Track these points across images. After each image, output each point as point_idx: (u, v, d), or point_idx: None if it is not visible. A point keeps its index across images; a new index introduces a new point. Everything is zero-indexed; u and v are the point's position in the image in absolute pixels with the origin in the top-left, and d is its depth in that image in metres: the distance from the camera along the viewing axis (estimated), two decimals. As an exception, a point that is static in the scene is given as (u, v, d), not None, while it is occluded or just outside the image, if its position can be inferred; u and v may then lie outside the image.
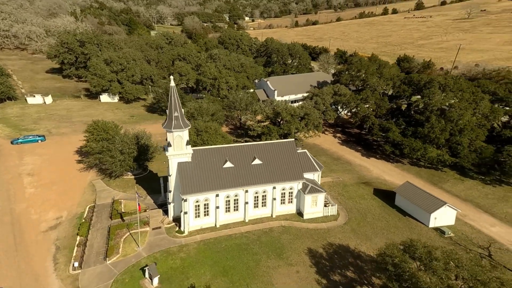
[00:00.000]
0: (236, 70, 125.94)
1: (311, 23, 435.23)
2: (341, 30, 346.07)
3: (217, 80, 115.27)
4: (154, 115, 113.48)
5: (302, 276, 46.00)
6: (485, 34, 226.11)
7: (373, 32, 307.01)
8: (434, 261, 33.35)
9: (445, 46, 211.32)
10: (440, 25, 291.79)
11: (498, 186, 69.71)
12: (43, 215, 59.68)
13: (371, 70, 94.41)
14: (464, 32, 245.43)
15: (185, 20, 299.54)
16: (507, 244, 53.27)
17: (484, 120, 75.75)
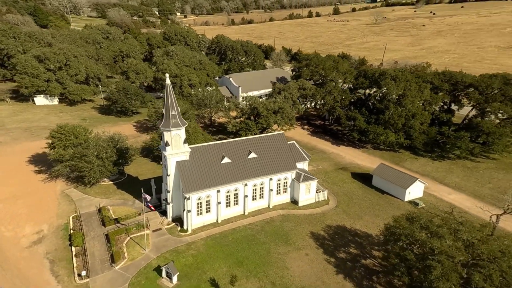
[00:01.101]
0: (195, 68, 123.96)
1: (246, 22, 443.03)
2: (277, 29, 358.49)
3: (179, 78, 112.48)
4: (110, 117, 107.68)
5: (312, 257, 48.73)
6: (393, 37, 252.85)
7: (306, 33, 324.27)
8: (439, 228, 38.13)
9: (366, 46, 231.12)
10: (357, 28, 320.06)
11: (442, 161, 79.45)
12: (19, 231, 55.06)
13: (328, 65, 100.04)
14: (377, 35, 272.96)
15: (109, 12, 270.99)
16: (464, 208, 61.19)
17: (427, 105, 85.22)
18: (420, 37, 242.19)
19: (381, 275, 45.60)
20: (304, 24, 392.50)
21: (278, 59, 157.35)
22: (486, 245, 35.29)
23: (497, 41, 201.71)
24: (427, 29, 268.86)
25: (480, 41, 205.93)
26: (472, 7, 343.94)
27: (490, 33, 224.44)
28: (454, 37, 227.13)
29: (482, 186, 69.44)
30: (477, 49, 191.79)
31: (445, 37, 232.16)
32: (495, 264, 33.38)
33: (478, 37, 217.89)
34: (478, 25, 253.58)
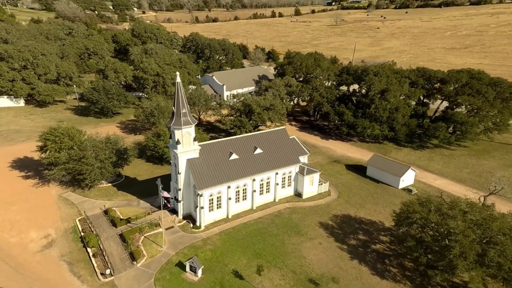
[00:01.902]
0: (175, 66, 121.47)
1: (211, 20, 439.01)
2: (243, 28, 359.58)
3: (161, 76, 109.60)
4: (89, 119, 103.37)
5: (325, 246, 50.56)
6: (353, 38, 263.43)
7: (273, 32, 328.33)
8: (451, 210, 41.22)
9: (332, 46, 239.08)
10: (320, 29, 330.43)
11: (423, 150, 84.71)
12: (24, 237, 52.86)
13: (310, 63, 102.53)
14: (339, 36, 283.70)
15: (57, 5, 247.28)
16: (451, 192, 65.65)
17: (407, 99, 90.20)
18: (377, 38, 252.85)
19: (392, 258, 48.33)
20: (269, 24, 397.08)
21: (256, 57, 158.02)
22: (496, 223, 38.72)
23: (442, 43, 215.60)
24: (382, 31, 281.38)
25: (428, 43, 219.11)
26: (415, 13, 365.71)
27: (434, 36, 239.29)
28: (406, 39, 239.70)
29: (461, 171, 74.88)
30: (427, 50, 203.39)
31: (398, 39, 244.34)
32: (508, 239, 36.78)
33: (425, 39, 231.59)
34: (423, 29, 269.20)
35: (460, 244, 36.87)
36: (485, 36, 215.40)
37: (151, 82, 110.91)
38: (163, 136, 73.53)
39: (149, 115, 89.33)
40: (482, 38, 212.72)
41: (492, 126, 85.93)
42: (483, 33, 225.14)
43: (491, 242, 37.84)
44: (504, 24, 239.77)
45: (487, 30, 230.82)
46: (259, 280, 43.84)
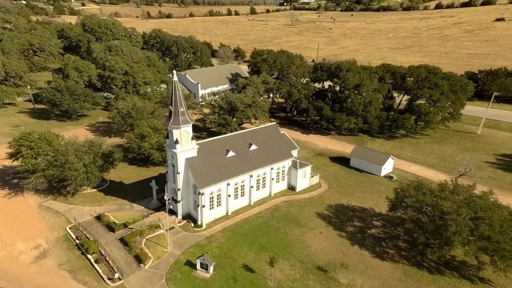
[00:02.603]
0: (144, 64, 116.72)
1: (164, 16, 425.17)
2: (201, 25, 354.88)
3: (131, 75, 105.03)
4: (51, 122, 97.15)
5: (326, 235, 52.62)
6: (311, 37, 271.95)
7: (233, 30, 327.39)
8: (442, 192, 44.97)
9: (293, 44, 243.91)
10: (278, 28, 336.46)
11: (393, 140, 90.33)
12: (11, 249, 49.74)
13: (284, 60, 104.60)
14: (297, 35, 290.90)
15: None
16: (424, 176, 70.69)
17: (377, 93, 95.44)
18: (332, 38, 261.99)
19: (387, 241, 51.53)
20: (227, 22, 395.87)
21: (225, 55, 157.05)
22: (480, 200, 42.98)
23: (387, 43, 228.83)
24: (335, 31, 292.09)
25: (377, 43, 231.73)
26: (359, 16, 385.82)
27: (379, 37, 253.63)
28: (357, 39, 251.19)
29: (428, 157, 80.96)
30: (377, 49, 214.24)
31: (351, 39, 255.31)
32: (494, 214, 41.05)
33: (373, 39, 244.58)
34: (369, 30, 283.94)
35: (455, 222, 40.50)
36: (420, 38, 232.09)
37: (120, 82, 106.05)
38: (148, 137, 71.44)
39: (126, 116, 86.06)
40: (418, 39, 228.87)
41: (448, 116, 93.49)
42: (418, 35, 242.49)
43: (479, 218, 41.94)
44: (433, 28, 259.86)
45: (421, 33, 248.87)
46: (271, 272, 44.72)
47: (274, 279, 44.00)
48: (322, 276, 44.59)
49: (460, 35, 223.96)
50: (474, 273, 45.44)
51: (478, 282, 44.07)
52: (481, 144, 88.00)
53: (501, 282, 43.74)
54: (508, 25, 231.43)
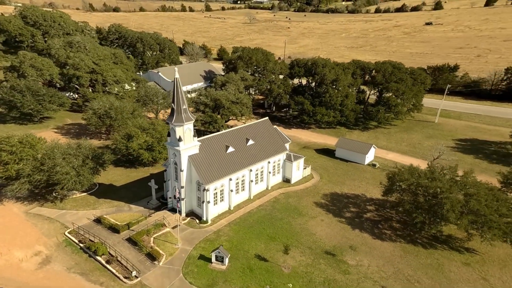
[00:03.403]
0: (111, 62, 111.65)
1: (111, 9, 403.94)
2: (155, 21, 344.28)
3: (99, 74, 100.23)
4: (9, 126, 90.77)
5: (327, 222, 55.62)
6: (272, 36, 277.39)
7: (191, 27, 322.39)
8: (433, 174, 49.75)
9: (255, 43, 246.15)
10: (237, 26, 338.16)
11: (368, 131, 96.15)
12: (9, 258, 47.62)
13: (260, 57, 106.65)
14: (258, 33, 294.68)
15: None
16: (402, 162, 75.52)
17: (351, 87, 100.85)
18: (292, 37, 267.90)
19: (383, 223, 55.68)
20: (183, 18, 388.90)
21: (194, 53, 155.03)
22: (467, 178, 48.32)
23: (343, 42, 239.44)
24: (293, 31, 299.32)
25: (333, 42, 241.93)
26: (312, 16, 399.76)
27: (334, 36, 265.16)
28: (315, 39, 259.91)
29: (400, 145, 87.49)
30: (335, 48, 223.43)
31: (309, 38, 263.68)
32: (480, 190, 46.44)
33: (329, 39, 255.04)
34: (323, 30, 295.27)
35: (449, 199, 45.24)
36: (369, 38, 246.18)
37: (86, 81, 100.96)
38: (136, 137, 69.87)
39: (104, 116, 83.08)
40: (368, 39, 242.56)
41: (412, 107, 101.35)
42: (367, 36, 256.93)
43: (468, 194, 47.15)
44: (377, 29, 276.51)
45: (368, 34, 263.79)
46: (283, 259, 46.72)
47: (287, 266, 46.01)
48: (331, 259, 47.38)
49: (401, 37, 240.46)
50: (460, 244, 50.75)
51: (464, 252, 49.35)
52: (440, 131, 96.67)
53: (484, 250, 49.30)
54: (436, 28, 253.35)
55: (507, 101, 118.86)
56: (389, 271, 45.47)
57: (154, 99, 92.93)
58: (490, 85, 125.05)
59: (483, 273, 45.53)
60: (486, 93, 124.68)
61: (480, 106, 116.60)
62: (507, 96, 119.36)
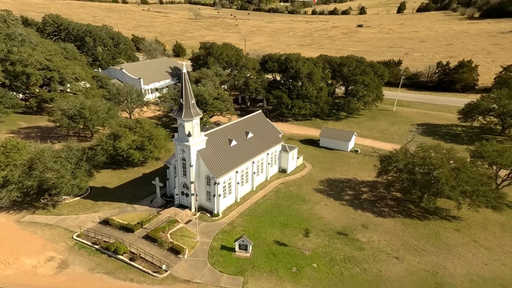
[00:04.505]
0: (60, 58, 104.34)
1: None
2: (84, 12, 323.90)
3: (55, 71, 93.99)
4: None
5: (331, 206, 60.36)
6: (222, 33, 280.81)
7: (130, 21, 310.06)
8: (424, 152, 56.92)
9: (208, 39, 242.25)
10: (183, 22, 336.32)
11: (340, 121, 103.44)
12: (19, 266, 45.78)
13: (231, 53, 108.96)
14: (208, 30, 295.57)
15: None
16: (378, 147, 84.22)
17: (322, 80, 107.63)
18: (242, 34, 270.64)
19: (379, 202, 61.91)
20: (117, 10, 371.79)
21: (152, 49, 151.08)
22: (452, 155, 56.23)
23: (292, 40, 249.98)
24: (242, 28, 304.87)
25: (284, 40, 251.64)
26: (255, 15, 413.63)
27: (282, 35, 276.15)
28: (265, 36, 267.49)
29: (371, 132, 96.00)
30: (286, 46, 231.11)
31: (260, 36, 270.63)
32: (466, 164, 54.50)
33: (278, 37, 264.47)
34: (271, 29, 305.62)
35: (443, 174, 52.48)
36: (314, 37, 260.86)
37: (40, 79, 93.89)
38: (124, 137, 68.38)
39: (77, 117, 79.55)
40: (314, 38, 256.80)
41: (376, 97, 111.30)
42: (312, 35, 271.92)
43: (456, 168, 54.95)
44: (319, 29, 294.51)
45: (312, 33, 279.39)
46: (302, 243, 50.41)
47: (307, 248, 49.74)
48: (345, 239, 52.09)
49: (341, 36, 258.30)
50: (447, 214, 58.44)
51: (452, 220, 57.03)
52: (399, 118, 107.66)
53: (466, 216, 57.14)
54: (366, 30, 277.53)
55: (440, 91, 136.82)
56: (397, 243, 51.35)
57: (128, 97, 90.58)
58: (426, 77, 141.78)
59: (472, 236, 53.48)
60: (423, 85, 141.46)
61: (422, 96, 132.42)
62: (439, 87, 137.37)
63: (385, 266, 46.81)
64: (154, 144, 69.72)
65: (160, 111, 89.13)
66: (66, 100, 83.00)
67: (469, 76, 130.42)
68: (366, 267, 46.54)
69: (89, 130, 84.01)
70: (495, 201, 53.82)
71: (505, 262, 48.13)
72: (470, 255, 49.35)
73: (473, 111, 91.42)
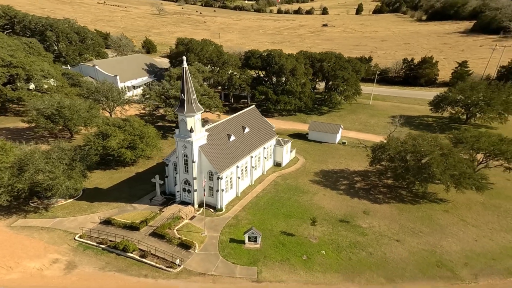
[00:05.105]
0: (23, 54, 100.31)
1: None
2: (29, 3, 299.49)
3: (20, 68, 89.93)
4: None
5: (329, 196, 63.49)
6: (191, 29, 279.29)
7: (87, 14, 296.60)
8: (414, 140, 61.58)
9: (177, 35, 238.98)
10: (146, 17, 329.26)
11: (323, 115, 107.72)
12: (24, 269, 45.35)
13: (212, 50, 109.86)
14: (175, 26, 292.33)
15: None
16: (363, 138, 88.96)
17: (304, 76, 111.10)
18: (213, 31, 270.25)
19: (373, 189, 65.98)
20: (69, 2, 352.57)
21: (121, 44, 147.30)
22: (441, 142, 61.26)
23: (264, 38, 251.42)
24: (211, 25, 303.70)
25: (255, 38, 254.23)
26: (222, 12, 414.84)
27: (252, 32, 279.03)
28: (235, 34, 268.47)
29: (354, 124, 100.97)
30: (259, 43, 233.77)
31: (230, 33, 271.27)
32: (453, 149, 59.72)
33: (249, 35, 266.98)
34: (240, 26, 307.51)
35: (435, 159, 57.24)
36: (284, 35, 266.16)
37: (3, 76, 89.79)
38: (113, 135, 67.63)
39: (56, 116, 77.46)
40: (284, 36, 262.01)
41: (355, 92, 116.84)
42: (281, 33, 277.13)
43: (444, 154, 59.98)
44: (288, 28, 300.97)
45: (282, 31, 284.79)
46: (308, 232, 53.07)
47: (314, 236, 52.44)
48: (347, 225, 55.34)
49: (309, 35, 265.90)
50: (435, 197, 63.41)
51: (440, 202, 61.95)
52: (376, 111, 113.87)
53: (452, 198, 62.23)
54: (332, 29, 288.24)
55: (406, 85, 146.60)
56: (395, 227, 55.34)
57: (109, 95, 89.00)
58: (394, 73, 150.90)
59: (460, 216, 58.66)
60: (391, 80, 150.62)
61: (392, 90, 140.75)
62: (406, 82, 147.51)
63: (389, 248, 50.45)
64: (146, 143, 69.51)
65: (145, 110, 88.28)
66: (42, 99, 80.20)
67: (430, 71, 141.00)
68: (371, 251, 49.92)
69: (69, 130, 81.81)
70: (479, 182, 59.30)
71: (492, 238, 53.43)
72: (461, 233, 54.27)
73: (442, 102, 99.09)
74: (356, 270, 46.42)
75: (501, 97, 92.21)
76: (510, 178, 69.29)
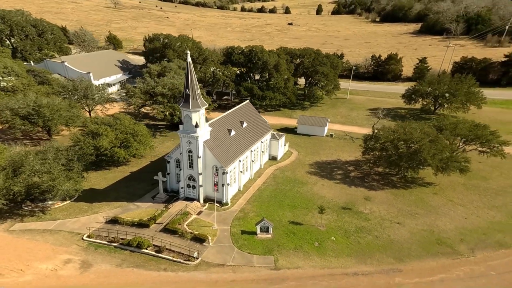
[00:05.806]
0: None
1: None
2: None
3: None
4: None
5: (327, 186, 67.25)
6: (154, 25, 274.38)
7: (28, 5, 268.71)
8: (403, 129, 66.95)
9: (141, 31, 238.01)
10: (101, 10, 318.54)
11: (306, 110, 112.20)
12: (36, 271, 45.21)
13: (191, 45, 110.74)
14: (136, 21, 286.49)
15: None
16: (347, 130, 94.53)
17: (287, 72, 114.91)
18: (179, 28, 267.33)
19: (367, 178, 70.70)
20: None
21: (85, 39, 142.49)
22: (427, 129, 67.18)
23: (233, 36, 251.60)
24: (175, 21, 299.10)
25: (224, 35, 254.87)
26: (183, 8, 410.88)
27: (220, 30, 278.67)
28: (203, 31, 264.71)
29: (336, 117, 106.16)
30: (229, 40, 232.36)
31: (198, 30, 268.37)
32: (439, 136, 65.74)
33: (217, 32, 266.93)
34: (206, 23, 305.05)
35: (425, 145, 62.79)
36: (252, 33, 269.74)
37: None
38: (105, 134, 67.22)
39: (34, 116, 75.49)
40: (253, 34, 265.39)
41: (334, 86, 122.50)
42: (249, 31, 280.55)
43: (432, 140, 65.77)
44: (254, 26, 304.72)
45: (249, 29, 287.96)
46: (315, 220, 56.48)
47: (321, 224, 55.89)
48: (350, 212, 59.33)
49: (277, 33, 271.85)
50: (423, 181, 69.14)
51: (428, 185, 67.68)
52: (354, 104, 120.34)
53: (437, 181, 68.02)
54: (297, 28, 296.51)
55: (375, 80, 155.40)
56: (394, 211, 60.07)
57: (88, 93, 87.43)
58: (364, 69, 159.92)
59: (447, 197, 64.54)
60: (362, 75, 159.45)
61: (363, 85, 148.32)
62: (375, 77, 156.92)
63: (392, 231, 54.93)
64: (139, 141, 69.62)
65: (129, 108, 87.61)
66: (15, 98, 77.43)
67: (396, 67, 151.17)
68: (377, 234, 54.11)
69: (47, 131, 79.74)
70: (463, 165, 65.65)
71: (478, 215, 59.56)
72: (452, 213, 60.01)
73: (414, 94, 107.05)
74: (366, 253, 50.23)
75: (463, 89, 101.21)
76: (481, 161, 76.19)
